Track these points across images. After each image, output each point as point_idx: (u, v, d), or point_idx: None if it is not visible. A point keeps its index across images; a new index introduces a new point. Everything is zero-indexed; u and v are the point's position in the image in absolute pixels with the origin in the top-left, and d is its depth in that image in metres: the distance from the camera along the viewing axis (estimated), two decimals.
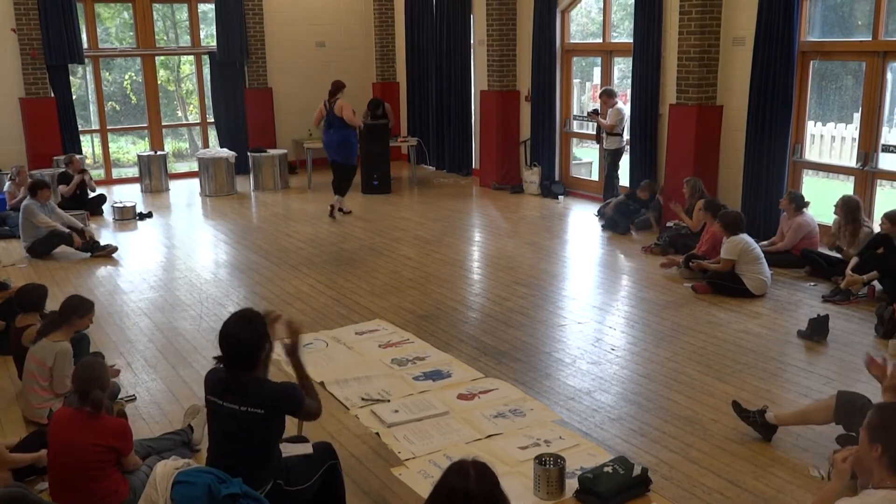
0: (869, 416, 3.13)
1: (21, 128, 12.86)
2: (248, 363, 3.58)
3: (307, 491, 3.75)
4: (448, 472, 2.59)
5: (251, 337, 3.57)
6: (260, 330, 3.62)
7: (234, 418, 3.57)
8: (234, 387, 3.59)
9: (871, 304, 7.02)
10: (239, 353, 3.57)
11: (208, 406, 3.71)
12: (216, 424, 3.70)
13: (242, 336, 3.56)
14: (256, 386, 3.59)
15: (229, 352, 3.57)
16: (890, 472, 2.95)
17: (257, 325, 3.63)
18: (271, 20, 14.56)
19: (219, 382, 3.66)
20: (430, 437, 4.89)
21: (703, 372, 5.78)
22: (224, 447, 3.66)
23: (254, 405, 3.54)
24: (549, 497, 4.20)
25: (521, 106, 12.69)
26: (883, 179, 8.68)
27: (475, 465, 2.57)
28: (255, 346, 3.58)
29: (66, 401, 4.62)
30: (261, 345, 3.61)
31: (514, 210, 11.42)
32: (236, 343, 3.56)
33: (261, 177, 13.25)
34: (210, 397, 3.68)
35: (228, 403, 3.58)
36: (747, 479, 4.39)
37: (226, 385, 3.62)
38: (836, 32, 9.00)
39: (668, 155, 9.99)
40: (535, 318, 6.98)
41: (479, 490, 2.50)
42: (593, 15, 12.60)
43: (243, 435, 3.59)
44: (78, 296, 5.44)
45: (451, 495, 2.51)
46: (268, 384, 3.65)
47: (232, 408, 3.57)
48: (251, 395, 3.55)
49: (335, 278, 8.23)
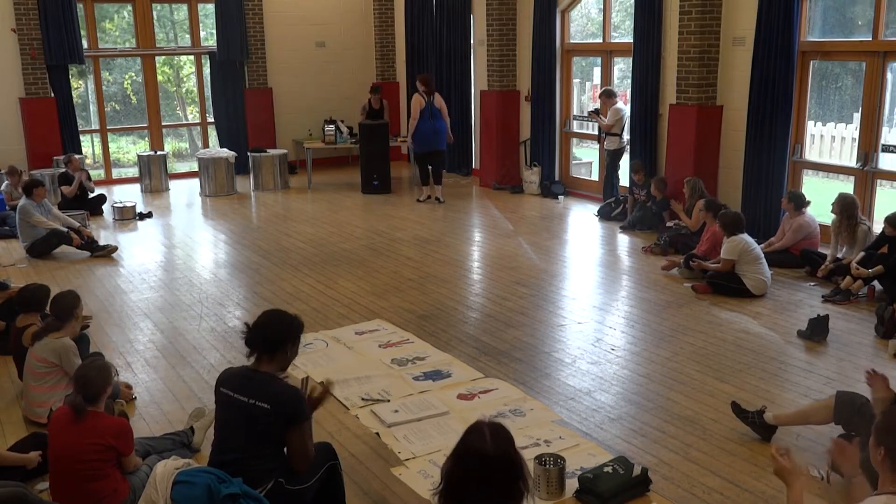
0: (878, 418, 3.14)
1: (21, 128, 12.86)
2: (268, 350, 3.72)
3: (307, 491, 3.75)
4: (466, 435, 2.67)
5: (280, 331, 3.76)
6: (294, 333, 3.81)
7: (242, 410, 3.64)
8: (248, 378, 3.70)
9: (871, 304, 7.02)
10: (263, 339, 3.73)
11: (218, 397, 3.78)
12: (223, 415, 3.77)
13: (273, 328, 3.76)
14: (267, 381, 3.69)
15: (256, 335, 3.74)
16: (892, 475, 2.94)
17: (293, 328, 3.82)
18: (271, 20, 14.56)
19: (235, 377, 3.78)
20: (430, 437, 4.89)
21: (703, 372, 5.78)
22: (229, 439, 3.71)
23: (261, 399, 3.62)
24: (549, 497, 4.20)
25: (521, 106, 12.69)
26: (883, 179, 8.68)
27: (491, 427, 2.65)
28: (280, 341, 3.74)
29: (66, 400, 4.61)
30: (285, 345, 3.76)
31: (514, 210, 11.42)
32: (264, 331, 3.74)
33: (261, 177, 13.25)
34: (222, 389, 3.76)
35: (239, 395, 3.67)
36: (747, 479, 4.39)
37: (241, 377, 3.74)
38: (836, 32, 9.00)
39: (668, 155, 9.99)
40: (535, 318, 6.98)
41: (497, 451, 2.59)
42: (593, 15, 12.60)
43: (249, 428, 3.64)
44: (63, 293, 5.31)
45: (469, 457, 2.60)
46: (278, 382, 3.73)
47: (241, 399, 3.65)
48: (260, 390, 3.64)
49: (335, 278, 8.24)
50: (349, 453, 4.69)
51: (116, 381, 5.30)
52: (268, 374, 3.72)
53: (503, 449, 2.60)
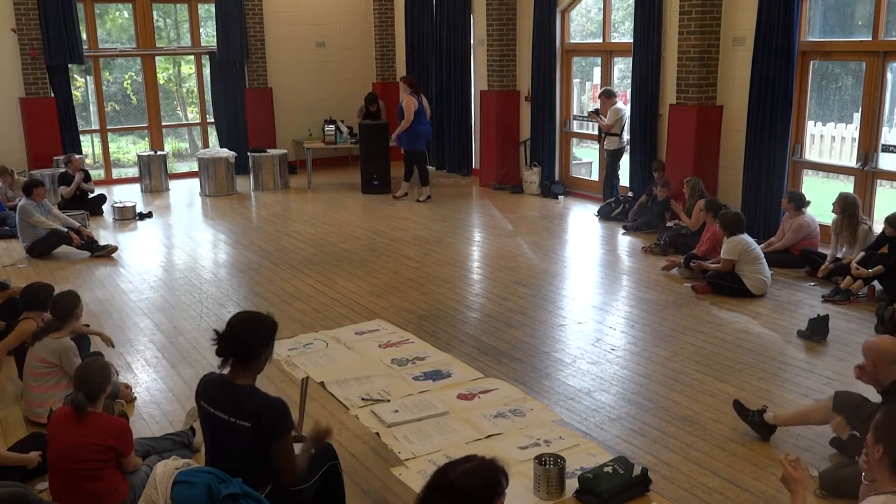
0: (878, 415, 3.12)
1: (21, 128, 12.86)
2: (242, 359, 3.55)
3: (307, 491, 3.74)
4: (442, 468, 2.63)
5: (250, 335, 3.56)
6: (265, 337, 3.60)
7: (224, 429, 3.54)
8: (225, 392, 3.55)
9: (871, 304, 7.02)
10: (236, 349, 3.54)
11: (200, 410, 3.68)
12: (208, 430, 3.67)
13: (243, 334, 3.55)
14: (246, 396, 3.55)
15: (226, 342, 3.55)
16: (891, 474, 2.93)
17: (265, 330, 3.61)
18: (271, 20, 14.56)
19: (212, 387, 3.63)
20: (430, 437, 4.89)
21: (703, 372, 5.78)
22: (218, 453, 3.64)
23: (242, 417, 3.50)
24: (549, 497, 4.20)
25: (521, 106, 12.69)
26: (883, 179, 8.68)
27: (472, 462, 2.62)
28: (252, 346, 3.55)
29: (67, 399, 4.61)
30: (259, 350, 3.58)
31: (514, 210, 11.42)
32: (234, 338, 3.54)
33: (261, 177, 13.25)
34: (202, 402, 3.64)
35: (219, 412, 3.55)
36: (747, 479, 4.39)
37: (218, 391, 3.59)
38: (836, 32, 9.00)
39: (668, 155, 9.99)
40: (535, 318, 6.98)
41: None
42: (593, 15, 12.60)
43: (235, 444, 3.55)
44: (63, 293, 5.34)
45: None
46: (257, 395, 3.58)
47: (221, 417, 3.54)
48: (240, 406, 3.51)
49: (335, 278, 8.23)
50: (349, 453, 4.69)
51: (116, 381, 5.31)
52: (246, 386, 3.56)
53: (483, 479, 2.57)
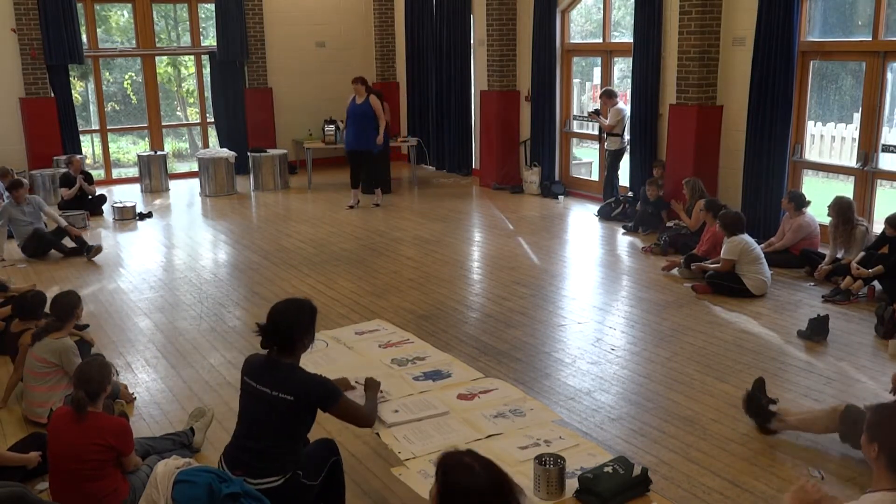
0: (869, 414, 3.12)
1: (21, 128, 12.86)
2: (284, 346, 3.72)
3: (316, 488, 3.77)
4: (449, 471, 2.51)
5: (291, 324, 3.73)
6: (305, 322, 3.77)
7: (265, 402, 3.65)
8: (269, 368, 3.70)
9: (871, 304, 7.02)
10: (279, 339, 3.71)
11: (242, 387, 3.79)
12: (247, 406, 3.78)
13: (283, 323, 3.72)
14: (289, 372, 3.70)
15: (270, 335, 3.72)
16: (887, 472, 2.93)
17: (304, 316, 3.79)
18: (271, 20, 14.56)
19: (257, 366, 3.77)
20: (430, 437, 4.88)
21: (703, 372, 5.78)
22: (252, 429, 3.72)
23: (284, 391, 3.63)
24: (549, 497, 4.19)
25: (521, 106, 12.69)
26: (883, 179, 8.68)
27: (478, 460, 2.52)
28: (293, 333, 3.72)
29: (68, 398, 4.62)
30: (301, 335, 3.75)
31: (514, 210, 11.42)
32: (276, 329, 3.72)
33: (261, 177, 13.25)
34: (246, 378, 3.77)
35: (261, 386, 3.68)
36: (747, 479, 4.39)
37: (263, 369, 3.73)
38: (836, 32, 9.00)
39: (668, 155, 9.99)
40: (535, 318, 6.98)
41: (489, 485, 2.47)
42: (593, 15, 12.60)
43: (271, 419, 3.66)
44: (64, 293, 5.38)
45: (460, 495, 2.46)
46: (300, 373, 3.74)
47: (264, 391, 3.66)
48: (283, 381, 3.65)
49: (335, 278, 8.23)
50: (349, 453, 4.70)
51: (116, 381, 5.31)
52: (289, 364, 3.73)
53: (495, 480, 2.47)
